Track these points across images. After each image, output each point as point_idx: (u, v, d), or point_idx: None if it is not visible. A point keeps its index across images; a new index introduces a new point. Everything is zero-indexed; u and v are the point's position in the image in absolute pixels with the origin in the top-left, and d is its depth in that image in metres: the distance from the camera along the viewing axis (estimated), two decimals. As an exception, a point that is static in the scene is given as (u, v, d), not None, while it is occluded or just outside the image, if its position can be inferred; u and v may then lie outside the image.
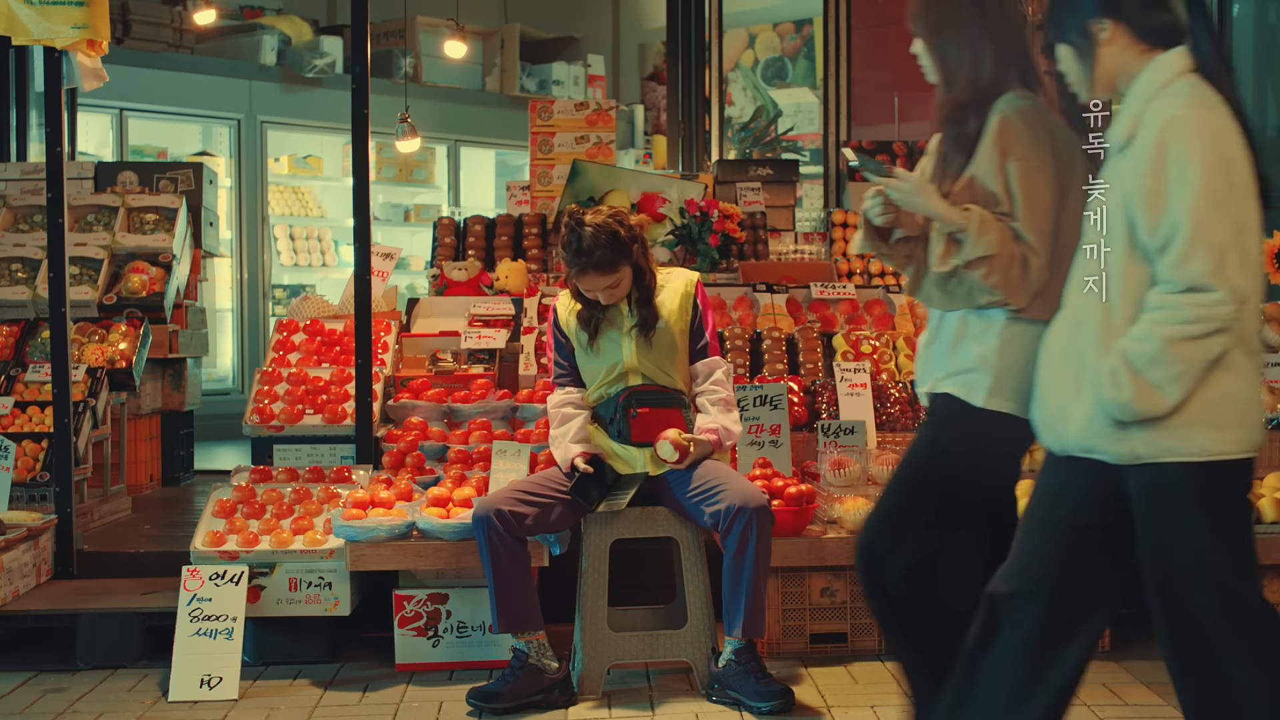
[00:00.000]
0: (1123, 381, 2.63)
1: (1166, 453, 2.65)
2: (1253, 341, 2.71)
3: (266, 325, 10.10)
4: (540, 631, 4.22)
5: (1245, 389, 2.68)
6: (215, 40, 10.10)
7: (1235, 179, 2.64)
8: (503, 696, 4.14)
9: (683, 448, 4.26)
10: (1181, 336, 2.60)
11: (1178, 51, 2.73)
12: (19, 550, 4.88)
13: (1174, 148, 2.62)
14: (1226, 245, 2.60)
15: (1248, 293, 2.63)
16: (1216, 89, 2.70)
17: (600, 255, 4.23)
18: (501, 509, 4.20)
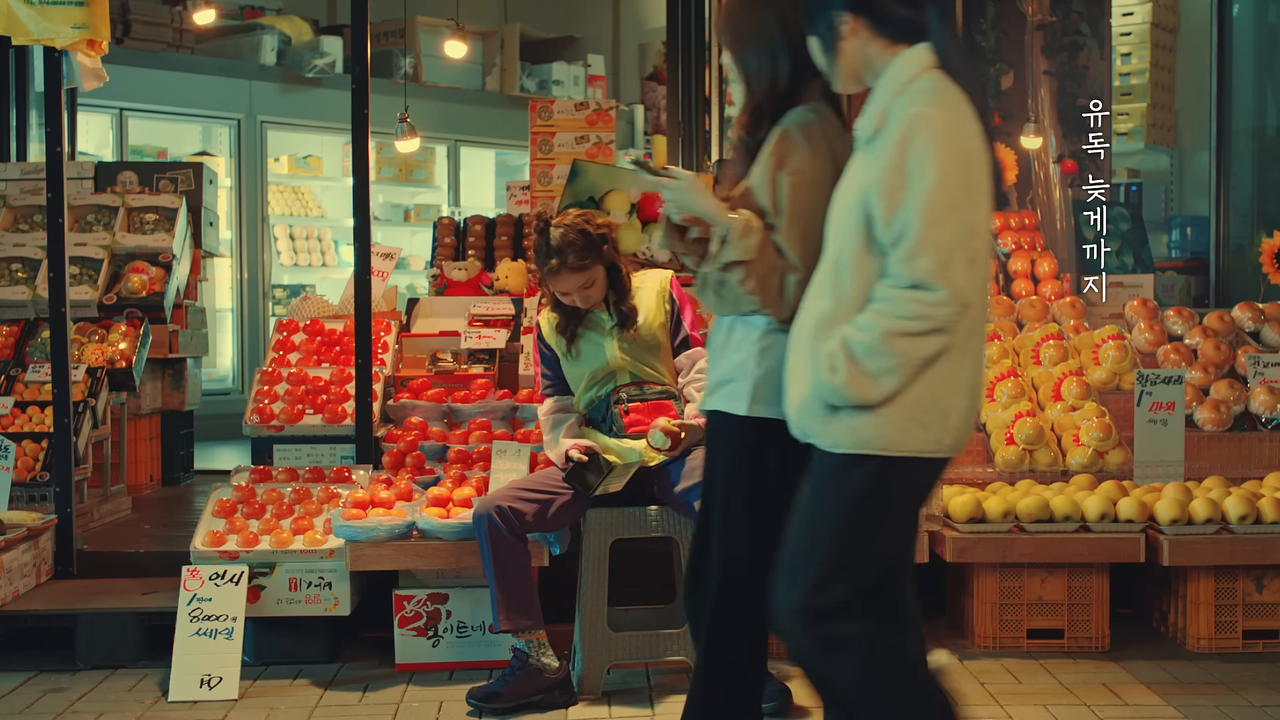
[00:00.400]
0: (839, 366, 2.66)
1: (866, 443, 2.67)
2: (972, 344, 2.71)
3: (266, 325, 10.10)
4: (540, 631, 4.22)
5: (954, 391, 2.69)
6: (215, 40, 10.09)
7: (972, 179, 2.65)
8: (503, 696, 4.14)
9: (674, 434, 4.27)
10: (901, 331, 2.62)
11: (922, 47, 2.74)
12: (19, 550, 4.88)
13: (915, 145, 2.63)
14: (955, 247, 2.61)
15: (971, 296, 2.64)
16: (959, 85, 2.71)
17: (572, 256, 4.25)
18: (501, 506, 4.20)
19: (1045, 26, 7.83)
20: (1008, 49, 7.96)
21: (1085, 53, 7.90)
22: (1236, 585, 4.72)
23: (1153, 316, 6.08)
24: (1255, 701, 4.17)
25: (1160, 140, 10.22)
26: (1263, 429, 5.49)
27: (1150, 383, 5.16)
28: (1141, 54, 10.08)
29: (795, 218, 2.95)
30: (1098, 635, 4.73)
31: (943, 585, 5.18)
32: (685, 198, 3.04)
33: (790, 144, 2.98)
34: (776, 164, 2.98)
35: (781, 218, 2.96)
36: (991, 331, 5.91)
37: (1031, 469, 5.26)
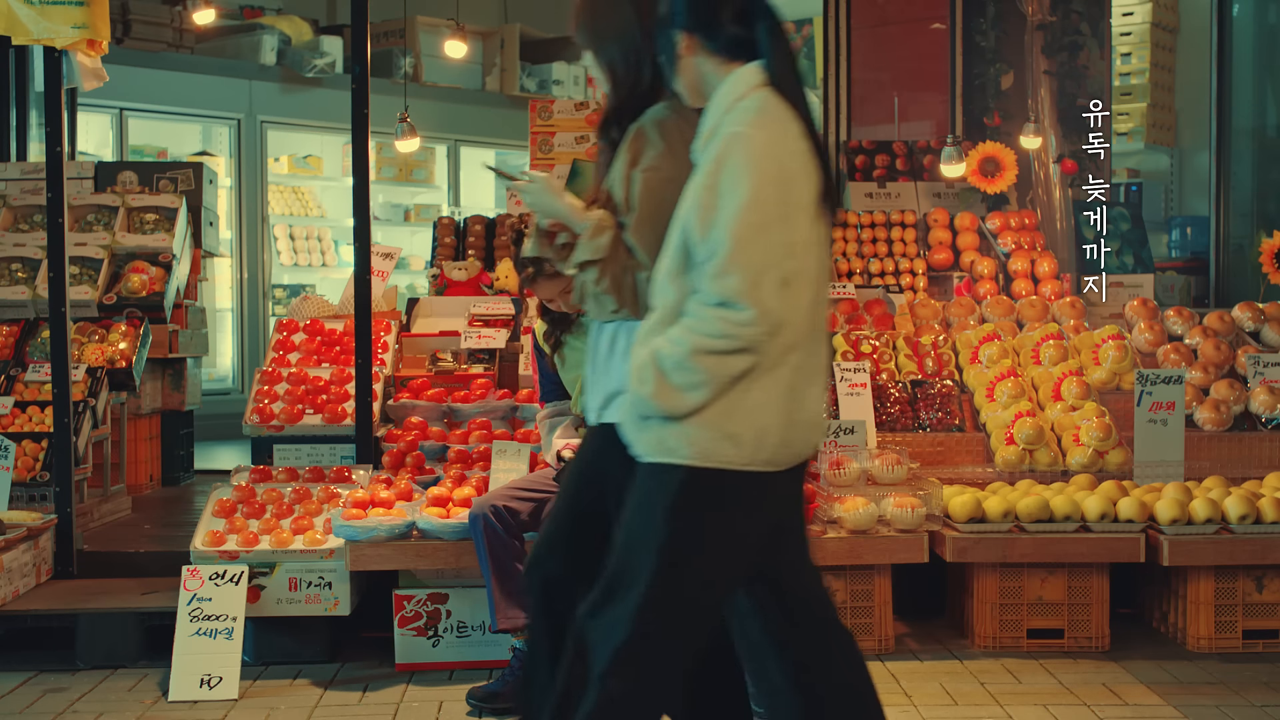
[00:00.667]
0: (647, 378, 2.66)
1: (671, 452, 2.67)
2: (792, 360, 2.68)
3: (266, 325, 10.09)
4: None
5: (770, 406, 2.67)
6: (215, 40, 10.09)
7: (792, 199, 2.64)
8: (502, 696, 4.13)
9: None
10: (708, 349, 2.61)
11: (752, 66, 2.73)
12: (19, 550, 4.88)
13: (729, 163, 2.62)
14: (765, 267, 2.60)
15: (784, 316, 2.63)
16: (790, 105, 2.70)
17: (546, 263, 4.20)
18: (497, 505, 4.20)
19: (1045, 26, 7.83)
20: (1008, 49, 7.96)
21: (1085, 53, 7.90)
22: (1236, 585, 4.72)
23: (1153, 316, 6.08)
24: (1255, 701, 4.17)
25: (1160, 140, 10.21)
26: (1263, 429, 5.49)
27: (1150, 383, 5.16)
28: (1141, 54, 10.08)
29: (646, 216, 2.92)
30: (1098, 635, 4.73)
31: (943, 585, 5.18)
32: (540, 199, 3.04)
33: (645, 141, 2.96)
34: (631, 161, 2.95)
35: (633, 215, 2.93)
36: (991, 331, 5.91)
37: (1031, 469, 5.26)
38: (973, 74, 8.00)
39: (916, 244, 7.21)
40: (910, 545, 4.67)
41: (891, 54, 8.67)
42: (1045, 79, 7.79)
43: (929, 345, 5.90)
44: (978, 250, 7.20)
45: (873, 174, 7.87)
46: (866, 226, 7.23)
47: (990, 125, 7.89)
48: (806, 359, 2.74)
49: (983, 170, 7.29)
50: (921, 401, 5.54)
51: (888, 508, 4.71)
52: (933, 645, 4.82)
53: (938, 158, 7.50)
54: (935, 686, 4.33)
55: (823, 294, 2.78)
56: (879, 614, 4.71)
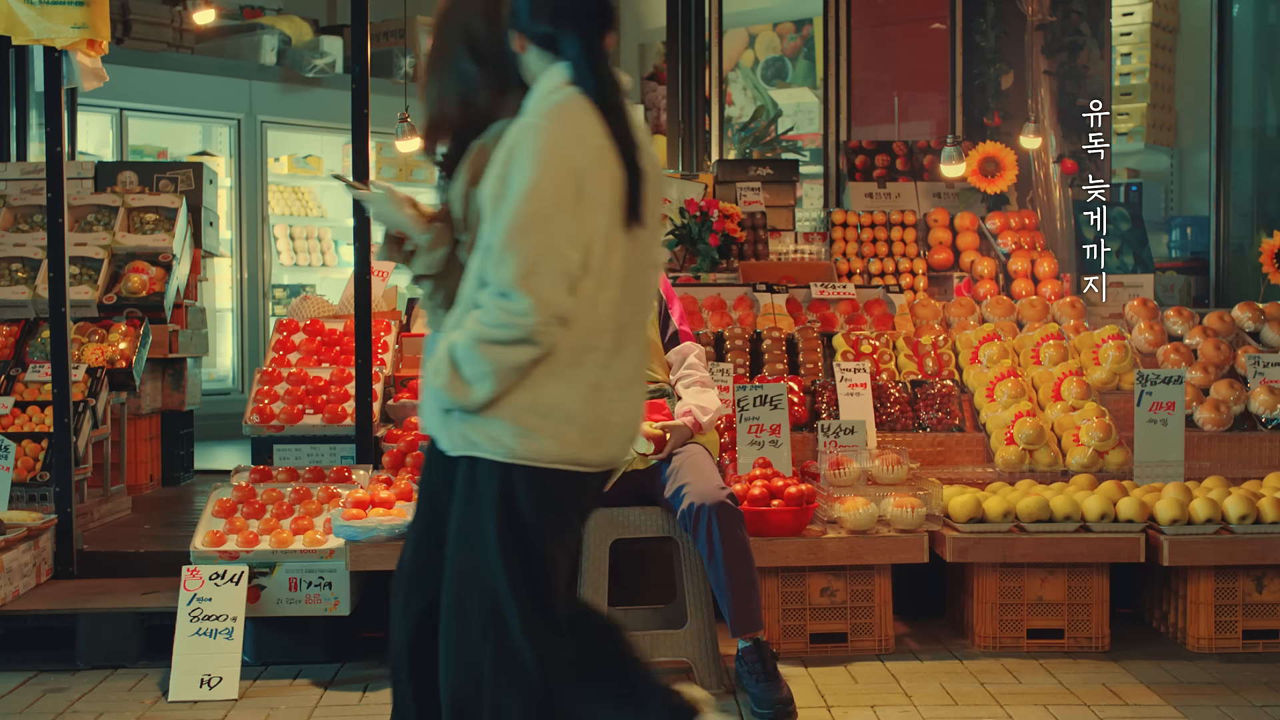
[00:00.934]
0: (442, 370, 2.68)
1: (474, 447, 2.69)
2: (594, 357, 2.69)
3: (266, 325, 10.09)
4: None
5: (571, 402, 2.69)
6: (215, 40, 10.09)
7: (585, 196, 2.63)
8: None
9: (656, 436, 4.27)
10: (489, 338, 2.62)
11: (562, 65, 2.75)
12: (19, 550, 4.88)
13: (517, 154, 2.64)
14: (542, 257, 2.60)
15: (566, 311, 2.63)
16: (596, 102, 2.70)
17: None
18: None
19: (1045, 26, 7.83)
20: (1008, 49, 7.96)
21: (1085, 53, 7.90)
22: (1236, 585, 4.72)
23: (1153, 316, 6.08)
24: (1255, 701, 4.17)
25: (1160, 140, 10.21)
26: (1263, 429, 5.49)
27: (1150, 383, 5.16)
28: (1141, 54, 10.08)
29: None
30: (1098, 635, 4.73)
31: (943, 585, 5.18)
32: (383, 210, 3.03)
33: (485, 159, 2.93)
34: (470, 179, 2.93)
35: (468, 234, 2.92)
36: (991, 331, 5.91)
37: (1031, 469, 5.26)
38: (973, 74, 8.00)
39: (916, 244, 7.21)
40: (910, 545, 4.67)
41: (891, 54, 8.68)
42: (1045, 79, 7.79)
43: (929, 345, 5.90)
44: (978, 250, 7.20)
45: (873, 174, 7.88)
46: (866, 226, 7.23)
47: (990, 125, 7.89)
48: (615, 361, 2.75)
49: (983, 170, 7.29)
50: (921, 401, 5.54)
51: (888, 508, 4.71)
52: (933, 645, 4.82)
53: (938, 158, 7.50)
54: (935, 686, 4.33)
55: (637, 300, 2.78)
56: (879, 614, 4.71)
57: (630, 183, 2.71)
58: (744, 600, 4.13)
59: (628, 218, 2.71)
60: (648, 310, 2.87)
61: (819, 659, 4.63)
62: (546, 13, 2.76)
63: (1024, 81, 7.87)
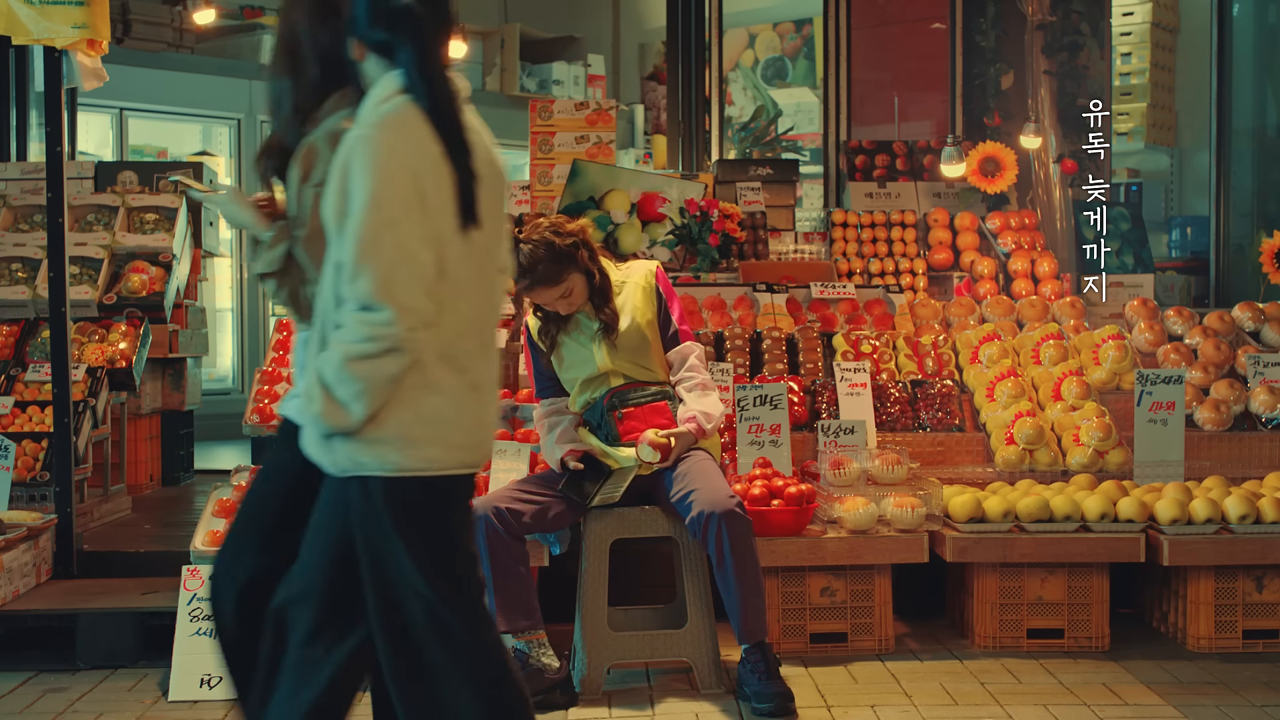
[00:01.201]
0: (315, 396, 2.66)
1: (362, 467, 2.68)
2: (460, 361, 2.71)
3: (266, 325, 10.09)
4: (540, 631, 4.21)
5: (449, 408, 2.70)
6: (215, 40, 10.09)
7: (427, 201, 2.64)
8: None
9: (662, 445, 4.26)
10: (357, 355, 2.60)
11: (395, 73, 2.75)
12: (19, 550, 4.88)
13: (353, 167, 2.63)
14: (396, 264, 2.59)
15: (428, 315, 2.63)
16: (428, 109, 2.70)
17: (543, 269, 4.21)
18: (499, 507, 4.20)
19: (1045, 26, 7.83)
20: (1008, 49, 7.96)
21: (1085, 53, 7.90)
22: (1236, 585, 4.72)
23: (1153, 316, 6.08)
24: (1255, 701, 4.17)
25: (1160, 140, 10.22)
26: (1263, 429, 5.49)
27: (1150, 383, 5.16)
28: (1141, 54, 10.08)
29: (316, 230, 2.88)
30: (1098, 635, 4.73)
31: (943, 585, 5.18)
32: (229, 210, 3.04)
33: (315, 156, 2.94)
34: (302, 176, 2.93)
35: (303, 230, 2.92)
36: (991, 331, 5.91)
37: (1031, 469, 5.26)
38: (973, 74, 8.00)
39: (916, 244, 7.21)
40: (910, 545, 4.67)
41: (891, 54, 8.68)
42: (1045, 79, 7.79)
43: (929, 345, 5.90)
44: (978, 250, 7.20)
45: (873, 174, 7.88)
46: (866, 226, 7.23)
47: (990, 125, 7.89)
48: (483, 362, 2.78)
49: (983, 170, 7.29)
50: (921, 401, 5.54)
51: (888, 508, 4.71)
52: (933, 645, 4.82)
53: (938, 158, 7.51)
54: (935, 686, 4.33)
55: (487, 304, 2.80)
56: (879, 614, 4.71)
57: (463, 186, 2.72)
58: (752, 609, 4.14)
59: (463, 220, 2.72)
60: (498, 313, 2.88)
61: (819, 659, 4.63)
62: (382, 20, 2.76)
63: (1024, 81, 7.87)
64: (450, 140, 2.70)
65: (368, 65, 2.80)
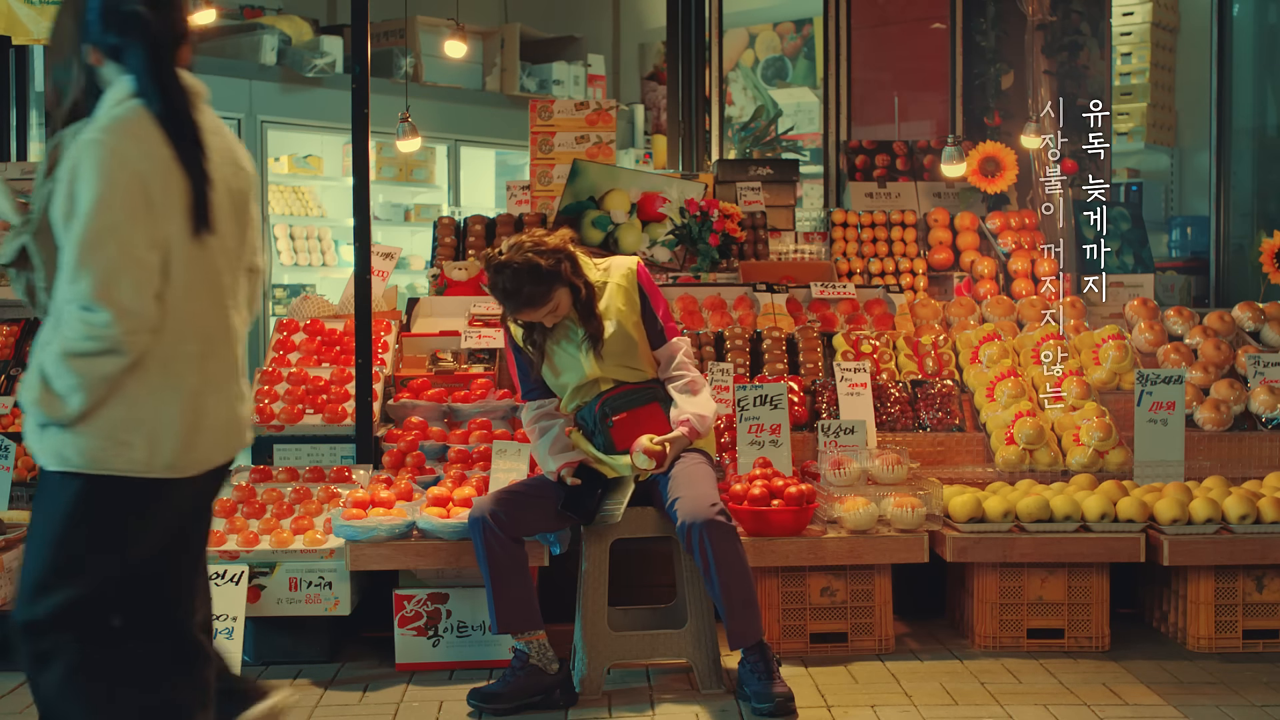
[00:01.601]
0: (33, 385, 2.71)
1: (67, 462, 2.71)
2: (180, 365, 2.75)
3: (266, 325, 10.09)
4: (540, 631, 4.21)
5: (167, 411, 2.74)
6: (215, 40, 10.08)
7: (154, 205, 2.68)
8: (503, 697, 4.13)
9: (656, 452, 4.22)
10: (75, 352, 2.66)
11: (127, 78, 2.78)
12: (19, 550, 4.88)
13: (81, 171, 2.67)
14: (118, 268, 2.64)
15: (149, 316, 2.68)
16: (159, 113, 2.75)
17: (528, 292, 4.16)
18: (497, 510, 4.19)
19: (1045, 26, 7.83)
20: (1008, 49, 7.96)
21: (1085, 53, 7.90)
22: (1236, 585, 4.72)
23: (1153, 316, 6.08)
24: (1255, 701, 4.17)
25: (1160, 140, 10.21)
26: (1263, 429, 5.49)
27: (1150, 382, 5.16)
28: (1141, 54, 10.08)
29: (46, 225, 2.88)
30: (1098, 635, 4.73)
31: (943, 585, 5.18)
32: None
33: (59, 153, 2.92)
34: (46, 170, 2.93)
35: (33, 224, 2.91)
36: (991, 331, 5.91)
37: (1031, 469, 5.26)
38: (973, 74, 8.00)
39: (916, 244, 7.21)
40: (910, 545, 4.67)
41: (891, 54, 8.68)
42: (1045, 79, 7.79)
43: (929, 345, 5.90)
44: (978, 250, 7.20)
45: (873, 174, 7.88)
46: (866, 226, 7.23)
47: (990, 125, 7.89)
48: (208, 366, 2.81)
49: (983, 170, 7.29)
50: (921, 401, 5.54)
51: (888, 508, 4.71)
52: (933, 645, 4.82)
53: (938, 158, 7.51)
54: (935, 686, 4.33)
55: (219, 308, 2.83)
56: (879, 614, 4.71)
57: (195, 190, 2.76)
58: (741, 614, 4.11)
59: (195, 225, 2.76)
60: (237, 314, 2.92)
61: (819, 659, 4.63)
62: (114, 25, 2.79)
63: (1024, 81, 7.87)
64: (181, 144, 2.76)
65: (105, 70, 2.83)
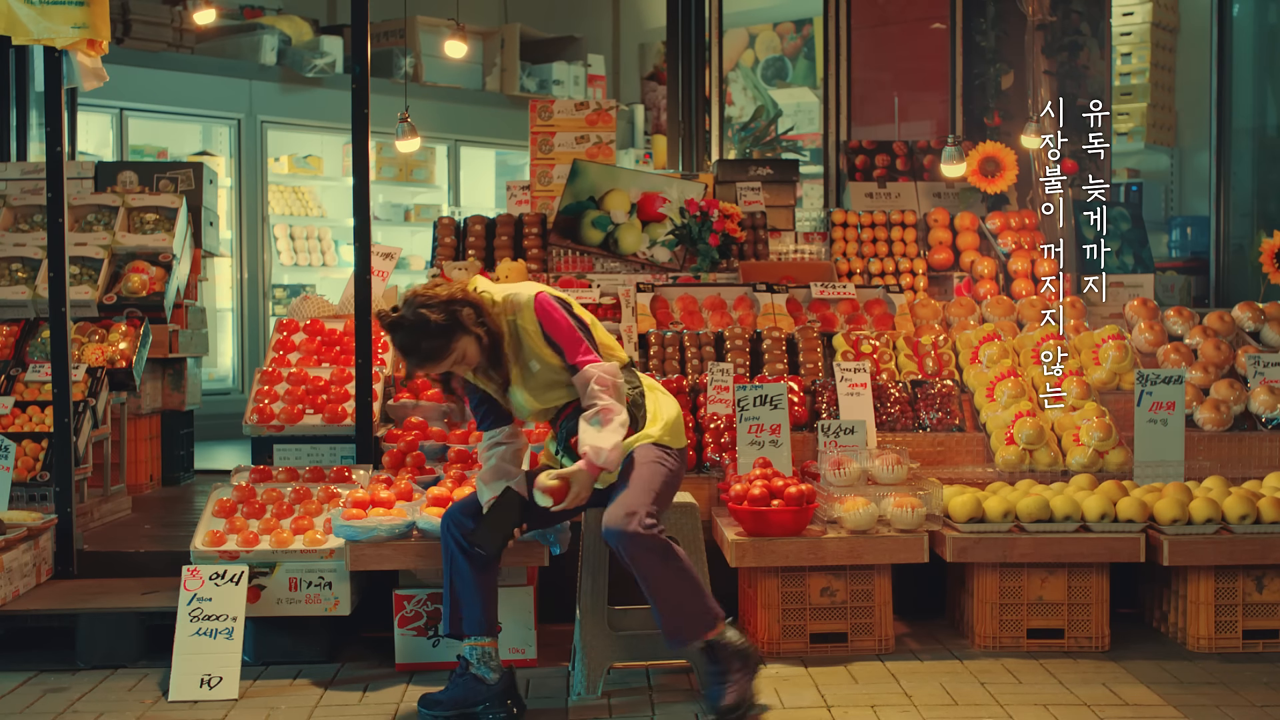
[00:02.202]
0: None
1: None
2: None
3: (266, 325, 10.09)
4: (490, 641, 4.11)
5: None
6: (215, 40, 10.09)
7: None
8: (442, 704, 4.07)
9: (554, 488, 3.98)
10: None
11: None
12: (19, 550, 4.88)
13: None
14: None
15: None
16: None
17: (426, 347, 3.98)
18: (464, 516, 4.12)
19: (1045, 26, 7.83)
20: (1008, 49, 7.96)
21: (1085, 53, 7.90)
22: (1236, 585, 4.72)
23: (1153, 316, 6.08)
24: (1255, 701, 4.17)
25: (1160, 140, 10.21)
26: (1263, 429, 5.49)
27: (1150, 383, 5.16)
28: (1141, 54, 10.08)
29: None
30: (1098, 635, 4.73)
31: (943, 585, 5.18)
32: None
33: None
34: None
35: None
36: (991, 331, 5.91)
37: (1031, 469, 5.26)
38: (973, 74, 8.00)
39: (916, 244, 7.21)
40: (910, 545, 4.67)
41: (891, 54, 8.67)
42: (1045, 79, 7.79)
43: (929, 345, 5.90)
44: (978, 250, 7.20)
45: (873, 174, 7.88)
46: (866, 226, 7.23)
47: (990, 125, 7.89)
48: None
49: (983, 170, 7.29)
50: (921, 401, 5.54)
51: (888, 508, 4.71)
52: (933, 645, 4.82)
53: (938, 158, 7.50)
54: (935, 686, 4.33)
55: None
56: (879, 614, 4.71)
57: None
58: (671, 616, 3.99)
59: None
60: None
61: (819, 659, 4.63)
62: None
63: (1024, 81, 7.87)
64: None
65: None
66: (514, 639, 4.58)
